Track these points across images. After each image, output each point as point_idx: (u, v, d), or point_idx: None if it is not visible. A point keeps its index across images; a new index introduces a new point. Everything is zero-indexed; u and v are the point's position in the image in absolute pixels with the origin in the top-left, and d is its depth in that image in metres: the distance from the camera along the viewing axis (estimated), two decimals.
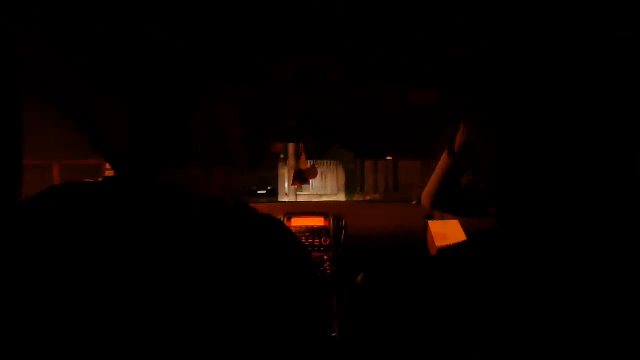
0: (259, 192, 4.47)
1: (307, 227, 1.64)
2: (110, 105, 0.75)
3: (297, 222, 1.66)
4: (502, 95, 0.70)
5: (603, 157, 0.59)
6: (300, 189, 5.15)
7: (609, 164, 0.59)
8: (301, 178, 1.72)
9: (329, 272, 1.59)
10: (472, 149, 1.50)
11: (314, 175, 1.75)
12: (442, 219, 1.64)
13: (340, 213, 1.69)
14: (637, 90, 0.60)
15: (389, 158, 5.82)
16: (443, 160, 1.59)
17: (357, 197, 6.53)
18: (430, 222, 1.50)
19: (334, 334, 1.46)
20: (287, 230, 0.62)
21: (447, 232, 1.48)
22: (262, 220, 0.59)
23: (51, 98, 0.90)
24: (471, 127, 1.45)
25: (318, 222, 1.66)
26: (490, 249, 0.65)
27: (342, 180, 6.25)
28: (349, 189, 6.42)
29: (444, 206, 1.67)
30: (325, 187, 5.87)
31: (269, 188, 4.52)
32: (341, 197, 6.01)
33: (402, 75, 1.20)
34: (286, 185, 4.98)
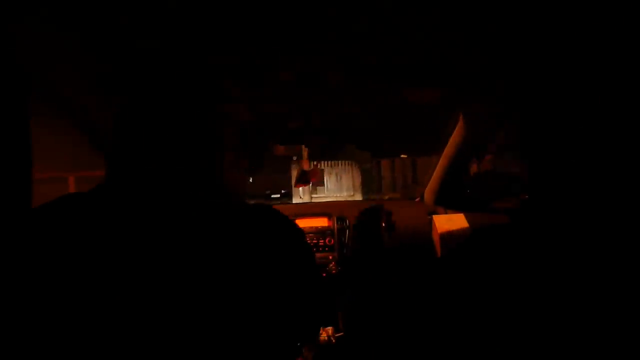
0: (272, 195, 4.43)
1: (311, 227, 1.65)
2: (110, 105, 0.77)
3: (301, 224, 1.66)
4: (525, 92, 0.70)
5: (613, 156, 0.58)
6: (315, 191, 5.16)
7: (619, 162, 0.58)
8: (304, 180, 1.73)
9: (334, 272, 1.59)
10: (474, 143, 1.48)
11: (317, 177, 1.76)
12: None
13: (344, 213, 1.69)
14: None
15: (403, 156, 5.74)
16: (444, 156, 1.58)
17: (374, 197, 6.51)
18: (434, 217, 1.49)
19: (340, 334, 1.46)
20: (284, 217, 0.63)
21: (452, 226, 1.46)
22: (257, 209, 0.61)
23: (51, 98, 0.91)
24: (471, 121, 1.43)
25: (322, 222, 1.66)
26: (495, 247, 0.64)
27: (358, 181, 6.20)
28: (366, 188, 6.37)
29: (446, 202, 1.65)
30: (341, 188, 5.84)
31: (283, 191, 4.49)
32: (357, 197, 5.98)
33: (401, 75, 1.19)
34: (300, 189, 5.00)
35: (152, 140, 0.59)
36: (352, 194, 5.93)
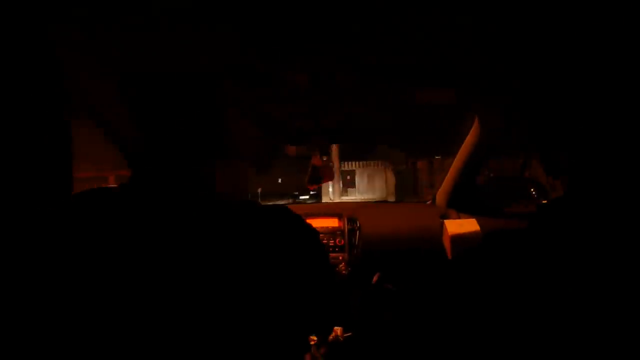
0: (301, 197, 4.44)
1: (321, 228, 1.66)
2: (128, 105, 0.80)
3: (311, 224, 1.67)
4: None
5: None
6: (345, 192, 5.15)
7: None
8: (315, 179, 1.73)
9: (344, 272, 1.59)
10: (489, 144, 1.44)
11: (330, 176, 1.75)
12: (458, 218, 1.58)
13: (355, 214, 1.68)
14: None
15: (437, 157, 5.62)
16: (458, 159, 1.54)
17: (409, 199, 6.40)
18: (446, 222, 1.45)
19: (349, 334, 1.46)
20: (297, 216, 0.64)
21: (463, 231, 1.42)
22: (270, 209, 0.62)
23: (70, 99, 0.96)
24: (486, 122, 1.39)
25: (332, 223, 1.67)
26: (507, 250, 0.63)
27: (392, 182, 6.11)
28: (400, 190, 6.23)
29: (459, 205, 1.61)
30: (373, 189, 5.78)
31: (312, 192, 4.50)
32: (390, 200, 5.90)
33: (408, 76, 1.18)
34: (330, 190, 5.00)
35: (165, 143, 0.61)
36: (384, 196, 5.84)
